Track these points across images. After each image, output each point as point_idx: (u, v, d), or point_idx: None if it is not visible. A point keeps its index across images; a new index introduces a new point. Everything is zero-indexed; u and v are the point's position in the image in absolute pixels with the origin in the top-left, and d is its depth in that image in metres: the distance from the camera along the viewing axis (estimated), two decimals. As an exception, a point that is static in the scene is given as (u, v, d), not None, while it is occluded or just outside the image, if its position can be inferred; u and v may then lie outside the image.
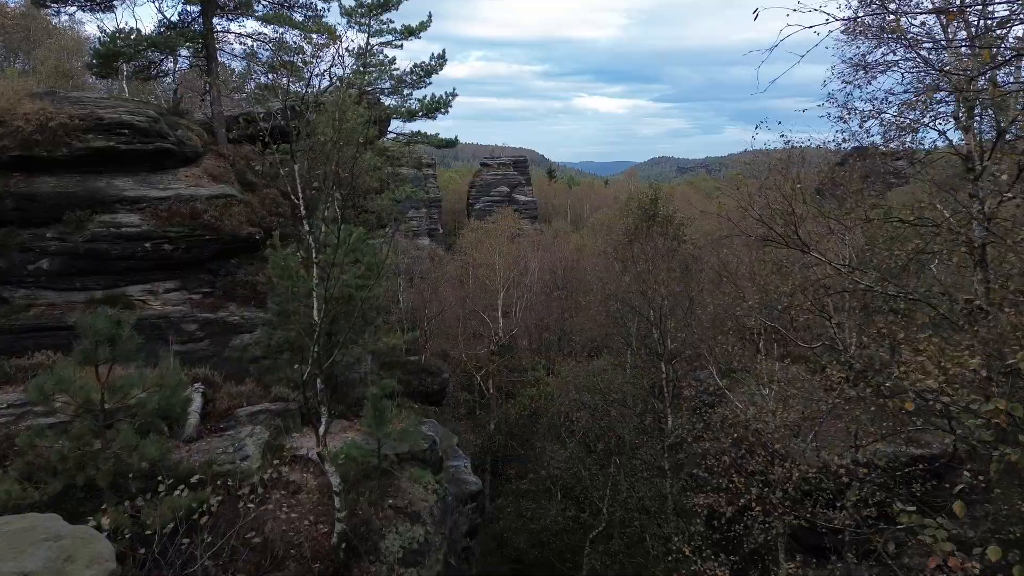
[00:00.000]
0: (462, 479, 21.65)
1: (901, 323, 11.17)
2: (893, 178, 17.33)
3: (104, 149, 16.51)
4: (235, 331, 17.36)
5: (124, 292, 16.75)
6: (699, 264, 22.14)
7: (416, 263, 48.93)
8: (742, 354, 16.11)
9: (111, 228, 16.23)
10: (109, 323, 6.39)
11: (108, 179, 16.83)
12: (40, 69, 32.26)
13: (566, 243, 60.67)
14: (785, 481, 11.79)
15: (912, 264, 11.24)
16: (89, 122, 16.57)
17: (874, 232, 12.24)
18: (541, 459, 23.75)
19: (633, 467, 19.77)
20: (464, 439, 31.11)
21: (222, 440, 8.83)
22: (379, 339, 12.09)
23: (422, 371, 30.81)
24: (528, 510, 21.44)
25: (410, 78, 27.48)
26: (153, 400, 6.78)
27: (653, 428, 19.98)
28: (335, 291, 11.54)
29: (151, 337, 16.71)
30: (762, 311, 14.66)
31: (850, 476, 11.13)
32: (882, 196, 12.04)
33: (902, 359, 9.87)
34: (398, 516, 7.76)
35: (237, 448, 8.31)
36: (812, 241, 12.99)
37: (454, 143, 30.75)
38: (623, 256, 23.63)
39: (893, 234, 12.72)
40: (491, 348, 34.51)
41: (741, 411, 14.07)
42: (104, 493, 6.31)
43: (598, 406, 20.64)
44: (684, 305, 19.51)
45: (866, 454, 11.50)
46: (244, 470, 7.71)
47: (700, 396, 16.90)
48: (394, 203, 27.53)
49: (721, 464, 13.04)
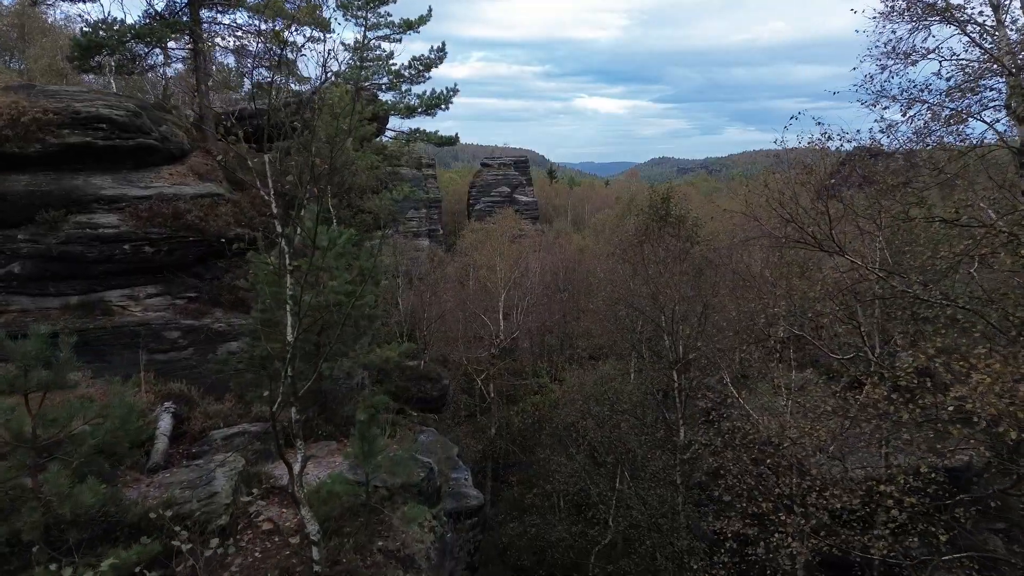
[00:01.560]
0: (463, 493, 20.60)
1: (944, 332, 10.13)
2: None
3: (80, 145, 15.46)
4: (221, 339, 16.33)
5: (102, 297, 15.72)
6: (713, 267, 21.07)
7: (416, 264, 48.00)
8: (764, 365, 15.06)
9: (87, 229, 15.19)
10: (40, 343, 5.38)
11: (85, 177, 15.78)
12: (33, 67, 31.47)
13: (568, 244, 59.69)
14: (816, 507, 10.74)
15: (957, 269, 10.19)
16: (65, 116, 15.52)
17: (915, 233, 11.19)
18: (546, 469, 22.72)
19: (643, 480, 18.71)
20: (465, 444, 30.24)
21: (189, 471, 7.76)
22: (372, 350, 11.07)
23: (421, 377, 29.80)
24: (533, 525, 20.38)
25: (408, 73, 26.47)
26: (98, 433, 5.75)
27: (665, 440, 18.92)
28: (323, 299, 10.49)
29: (130, 346, 15.73)
30: (787, 318, 13.61)
31: (887, 499, 10.09)
32: (922, 194, 10.99)
33: (958, 377, 8.83)
34: (389, 562, 6.74)
35: (205, 481, 7.24)
36: (843, 243, 11.95)
37: (454, 141, 29.76)
38: (632, 258, 22.58)
39: (934, 236, 11.68)
40: (492, 351, 33.54)
41: (763, 427, 13.01)
42: (34, 549, 5.29)
43: (606, 417, 19.58)
44: (697, 310, 18.44)
45: (902, 476, 10.44)
46: (210, 510, 6.67)
47: (716, 408, 15.84)
48: (393, 203, 26.53)
49: (744, 485, 11.99)
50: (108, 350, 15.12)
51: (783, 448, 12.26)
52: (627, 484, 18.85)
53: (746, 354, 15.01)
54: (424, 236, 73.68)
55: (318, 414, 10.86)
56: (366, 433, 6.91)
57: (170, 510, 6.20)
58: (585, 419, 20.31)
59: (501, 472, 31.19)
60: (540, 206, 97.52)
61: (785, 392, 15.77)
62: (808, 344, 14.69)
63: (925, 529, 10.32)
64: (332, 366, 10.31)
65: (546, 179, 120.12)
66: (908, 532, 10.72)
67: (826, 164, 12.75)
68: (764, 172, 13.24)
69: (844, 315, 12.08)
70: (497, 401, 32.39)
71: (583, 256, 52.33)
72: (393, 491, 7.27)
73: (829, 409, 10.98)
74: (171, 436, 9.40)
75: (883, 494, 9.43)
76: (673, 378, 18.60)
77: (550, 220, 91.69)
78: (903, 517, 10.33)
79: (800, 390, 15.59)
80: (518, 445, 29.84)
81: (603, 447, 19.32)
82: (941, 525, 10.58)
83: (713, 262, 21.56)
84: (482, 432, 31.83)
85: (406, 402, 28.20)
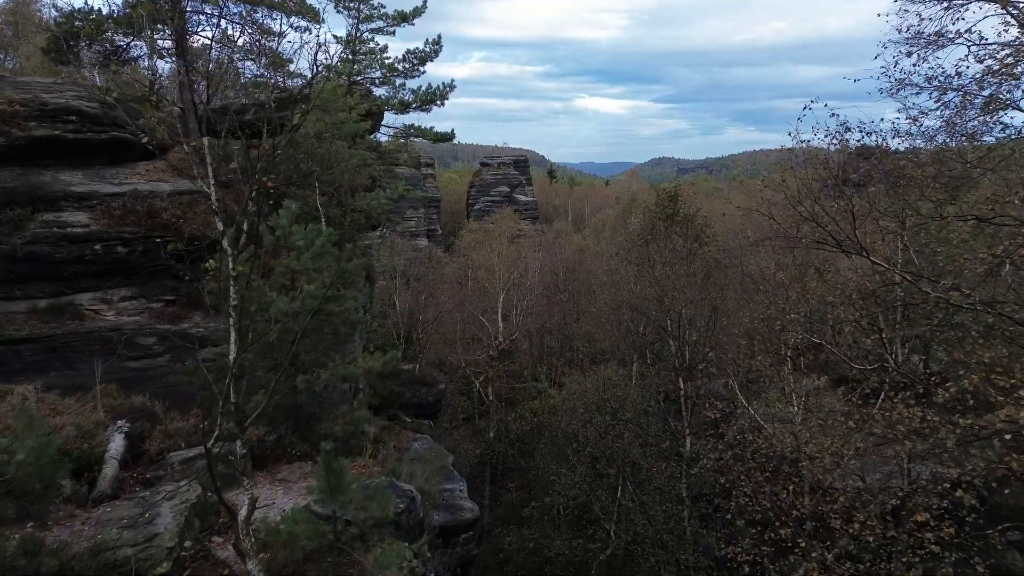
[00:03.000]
0: (457, 505, 19.62)
1: (988, 344, 9.19)
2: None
3: (47, 139, 14.51)
4: (200, 345, 15.36)
5: (72, 301, 14.76)
6: (723, 268, 20.09)
7: (414, 264, 47.20)
8: (776, 372, 14.12)
9: (54, 228, 14.23)
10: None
11: (53, 173, 14.83)
12: (26, 65, 30.69)
13: (567, 244, 58.78)
14: (840, 532, 9.79)
15: (999, 272, 9.23)
16: (32, 108, 14.59)
17: (945, 233, 10.24)
18: (545, 479, 21.77)
19: (648, 493, 17.75)
20: (462, 448, 29.41)
21: (131, 505, 6.76)
22: (355, 360, 10.14)
23: (416, 382, 28.88)
24: (531, 539, 19.42)
25: (402, 66, 25.50)
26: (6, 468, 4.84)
27: (670, 450, 17.96)
28: (298, 304, 9.53)
29: (102, 352, 14.77)
30: (804, 324, 12.66)
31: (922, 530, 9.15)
32: (955, 191, 10.05)
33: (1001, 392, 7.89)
34: (359, 614, 5.82)
35: (148, 519, 6.27)
36: (864, 243, 10.98)
37: (450, 137, 28.78)
38: (637, 259, 21.58)
39: (961, 235, 10.73)
40: (491, 353, 32.65)
41: (777, 440, 12.06)
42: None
43: (608, 426, 18.62)
44: (706, 314, 17.50)
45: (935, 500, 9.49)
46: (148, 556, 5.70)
47: (725, 419, 14.88)
48: (388, 202, 25.55)
49: (758, 506, 11.05)
50: (77, 357, 14.18)
51: (800, 466, 11.33)
52: (630, 497, 17.90)
53: (759, 362, 14.08)
54: (423, 236, 72.84)
55: (292, 431, 9.93)
56: (332, 464, 5.97)
57: (98, 557, 5.26)
58: (586, 427, 19.37)
59: (500, 477, 30.38)
60: (540, 206, 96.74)
61: (796, 399, 14.85)
62: (823, 351, 13.73)
63: (960, 558, 9.38)
64: (309, 379, 9.38)
65: (546, 179, 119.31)
66: (940, 559, 9.77)
67: (845, 158, 11.83)
68: (779, 168, 12.35)
69: (866, 321, 11.14)
70: (496, 404, 31.59)
71: (583, 256, 51.46)
72: (366, 528, 6.36)
73: (852, 425, 10.06)
74: (127, 458, 8.48)
75: (919, 524, 8.50)
76: (679, 385, 17.64)
77: (550, 220, 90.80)
78: (935, 547, 9.38)
79: (814, 398, 14.67)
80: (517, 449, 28.98)
81: (605, 457, 18.39)
82: (975, 551, 9.65)
83: (722, 263, 20.59)
84: (480, 435, 31.05)
85: (400, 407, 27.31)
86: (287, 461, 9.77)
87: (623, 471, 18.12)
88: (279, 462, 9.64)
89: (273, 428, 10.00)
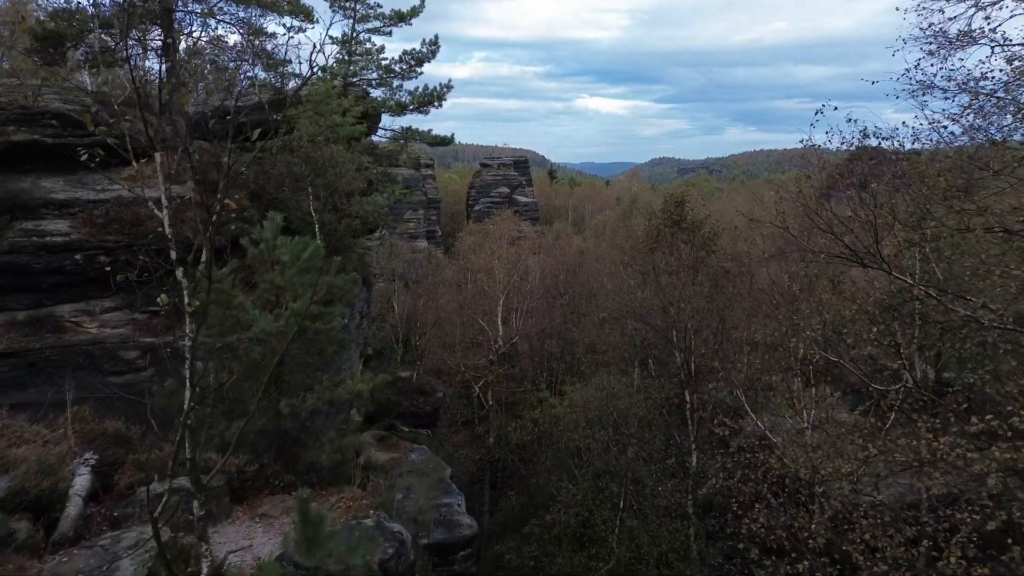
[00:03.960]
0: (455, 521, 18.98)
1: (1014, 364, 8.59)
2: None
3: (26, 143, 13.92)
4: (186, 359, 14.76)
5: (52, 313, 14.19)
6: (731, 277, 19.41)
7: (413, 266, 46.64)
8: (788, 388, 13.50)
9: (33, 237, 13.66)
10: None
11: (33, 179, 14.25)
12: (22, 67, 30.16)
13: (568, 246, 58.08)
14: (865, 568, 9.17)
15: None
16: (10, 111, 14.00)
17: (976, 245, 9.62)
18: (546, 493, 21.15)
19: (652, 510, 17.12)
20: (462, 454, 28.84)
21: (89, 555, 6.12)
22: (342, 383, 9.52)
23: (414, 391, 28.35)
24: (532, 557, 18.81)
25: (399, 67, 24.89)
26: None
27: (676, 467, 17.33)
28: (282, 323, 8.92)
29: (84, 367, 14.17)
30: (819, 341, 12.05)
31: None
32: (984, 200, 9.43)
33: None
34: None
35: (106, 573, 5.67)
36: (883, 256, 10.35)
37: (449, 141, 28.20)
38: (642, 266, 20.91)
39: (986, 247, 10.11)
40: (490, 357, 32.06)
41: (790, 460, 11.45)
42: None
43: (611, 440, 17.97)
44: (713, 325, 16.87)
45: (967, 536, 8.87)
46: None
47: (733, 436, 14.24)
48: (385, 205, 24.93)
49: (773, 536, 10.42)
50: (58, 372, 13.57)
51: (815, 489, 10.72)
52: (633, 514, 17.27)
53: (770, 379, 13.48)
54: (422, 237, 72.17)
55: (276, 459, 9.32)
56: (307, 515, 5.37)
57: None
58: (588, 441, 18.75)
59: (499, 483, 29.83)
60: (540, 207, 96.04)
61: (805, 413, 14.24)
62: (836, 367, 13.11)
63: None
64: (293, 403, 8.78)
65: (546, 179, 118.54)
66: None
67: (866, 167, 11.22)
68: (796, 176, 11.73)
69: (887, 339, 10.52)
70: (496, 409, 31.01)
71: (584, 258, 50.76)
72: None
73: (875, 452, 9.44)
74: (96, 490, 7.87)
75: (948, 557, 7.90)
76: (685, 398, 17.03)
77: (550, 221, 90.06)
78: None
79: (826, 411, 14.06)
80: (517, 455, 28.40)
81: (608, 473, 17.76)
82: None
83: (730, 272, 19.93)
84: (480, 441, 30.45)
85: (397, 416, 26.73)
86: (270, 492, 9.16)
87: (625, 487, 17.50)
88: (261, 493, 9.00)
89: (255, 457, 9.38)
